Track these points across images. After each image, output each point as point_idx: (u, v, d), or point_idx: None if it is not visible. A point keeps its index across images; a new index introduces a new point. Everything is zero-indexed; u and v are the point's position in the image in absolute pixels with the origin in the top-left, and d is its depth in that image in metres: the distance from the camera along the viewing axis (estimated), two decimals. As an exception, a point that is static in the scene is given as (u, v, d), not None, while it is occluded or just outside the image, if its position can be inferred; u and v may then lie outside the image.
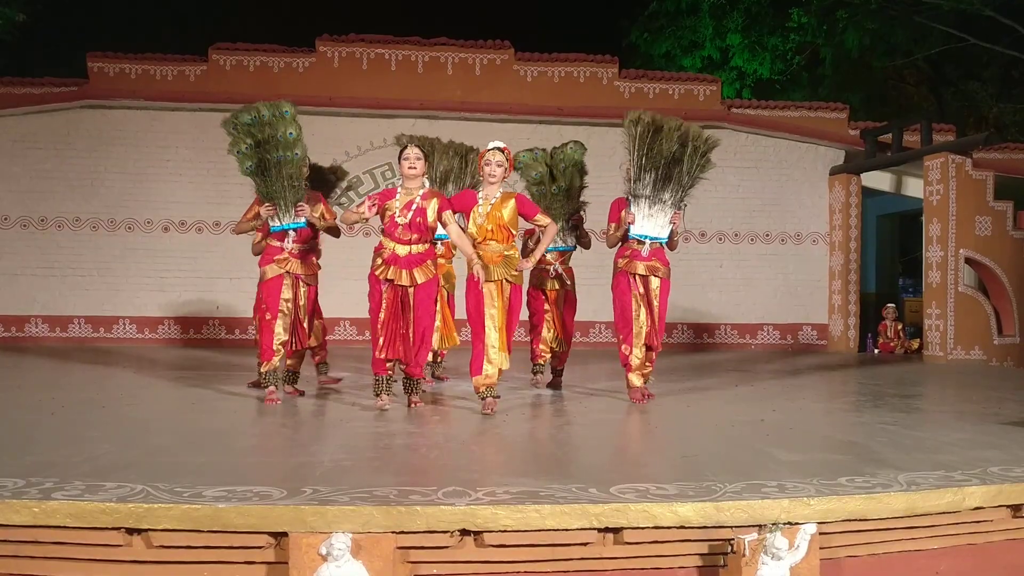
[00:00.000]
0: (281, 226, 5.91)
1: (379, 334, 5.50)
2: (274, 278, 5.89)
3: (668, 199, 6.15)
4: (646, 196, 6.11)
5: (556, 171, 6.94)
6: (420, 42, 12.10)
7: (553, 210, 6.78)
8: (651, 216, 6.16)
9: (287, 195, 5.87)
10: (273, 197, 5.86)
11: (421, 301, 5.55)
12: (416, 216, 5.48)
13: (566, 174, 6.93)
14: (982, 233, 10.86)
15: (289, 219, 5.90)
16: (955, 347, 10.80)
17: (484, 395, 5.57)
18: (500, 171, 5.68)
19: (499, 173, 5.68)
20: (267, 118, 5.80)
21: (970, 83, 17.94)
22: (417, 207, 5.50)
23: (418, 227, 5.50)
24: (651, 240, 6.18)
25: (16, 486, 3.17)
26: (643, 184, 6.11)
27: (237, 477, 3.42)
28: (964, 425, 5.25)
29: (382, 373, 5.57)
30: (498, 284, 5.65)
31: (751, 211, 12.66)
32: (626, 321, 6.19)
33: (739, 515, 3.15)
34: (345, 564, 2.92)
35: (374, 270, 5.54)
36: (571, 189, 6.95)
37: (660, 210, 6.16)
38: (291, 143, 5.86)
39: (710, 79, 12.87)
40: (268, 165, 5.82)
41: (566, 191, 6.94)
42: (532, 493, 3.22)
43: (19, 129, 11.42)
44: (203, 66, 11.73)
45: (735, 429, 5.08)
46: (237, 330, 11.66)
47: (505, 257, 5.67)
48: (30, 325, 11.44)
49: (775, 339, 12.71)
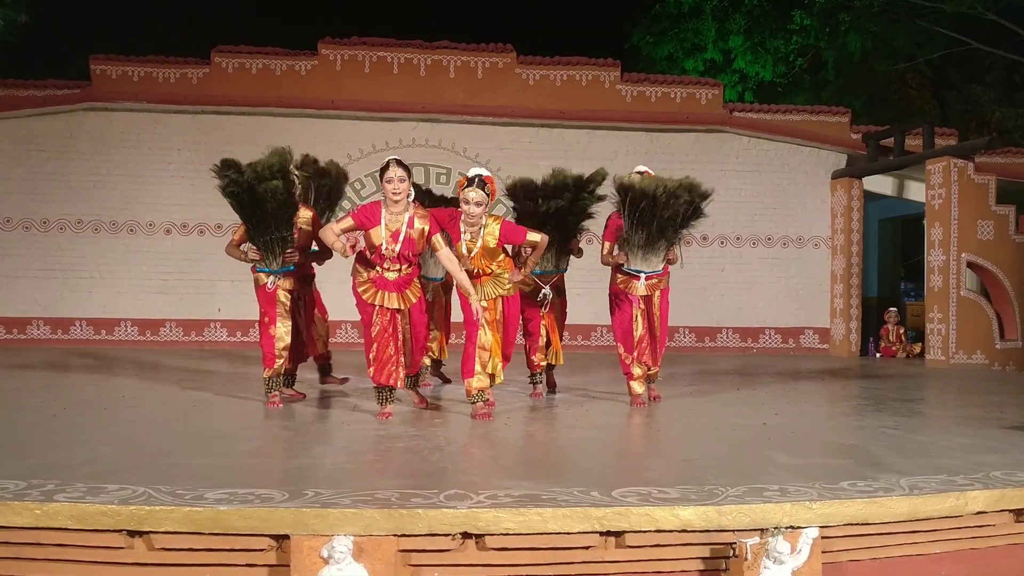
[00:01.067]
0: (266, 270, 5.80)
1: (370, 351, 5.37)
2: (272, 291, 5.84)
3: (662, 246, 6.10)
4: (640, 247, 6.05)
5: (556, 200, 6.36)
6: (422, 45, 12.11)
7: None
8: (645, 260, 6.12)
9: (276, 247, 5.73)
10: (263, 249, 5.74)
11: (416, 318, 5.52)
12: (405, 248, 5.23)
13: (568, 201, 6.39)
14: (984, 237, 10.85)
15: (276, 266, 5.78)
16: (957, 351, 10.78)
17: (475, 399, 5.51)
18: (480, 211, 5.43)
19: (478, 213, 5.44)
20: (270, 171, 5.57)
21: (973, 87, 17.93)
22: (405, 238, 5.23)
23: (406, 258, 5.31)
24: (646, 274, 6.16)
25: (18, 488, 3.18)
26: (636, 239, 6.02)
27: (239, 479, 3.42)
28: (966, 429, 5.25)
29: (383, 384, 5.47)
30: (491, 301, 5.69)
31: (753, 215, 12.65)
32: (626, 333, 6.19)
33: (741, 519, 3.14)
34: (347, 567, 2.92)
35: (359, 288, 5.37)
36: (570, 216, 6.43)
37: (654, 253, 6.11)
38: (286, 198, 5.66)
39: (712, 83, 12.86)
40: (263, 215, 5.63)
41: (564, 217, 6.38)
42: (534, 496, 3.22)
43: (21, 131, 11.42)
44: (205, 68, 11.73)
45: (737, 433, 5.08)
46: (239, 332, 11.66)
47: (495, 276, 5.68)
48: (32, 327, 11.45)
49: (776, 343, 12.70)
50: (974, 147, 11.18)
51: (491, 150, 12.02)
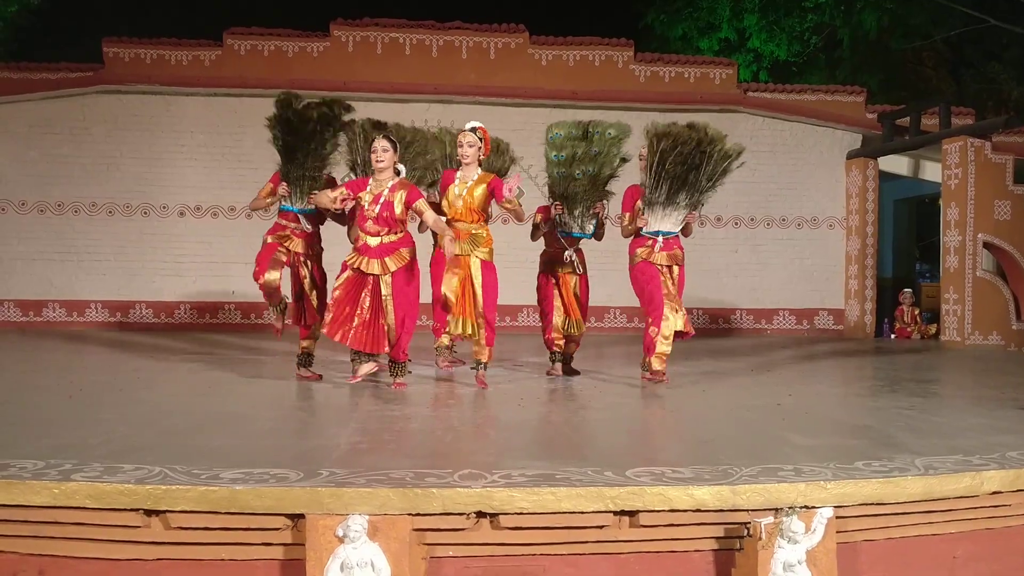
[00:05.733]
0: (291, 207, 6.16)
1: (329, 309, 5.67)
2: (271, 243, 6.14)
3: (683, 202, 6.20)
4: (660, 203, 6.19)
5: (585, 153, 6.53)
6: (434, 26, 12.05)
7: (572, 196, 6.53)
8: (664, 216, 6.23)
9: (304, 184, 6.13)
10: (291, 183, 6.13)
11: (398, 289, 5.65)
12: (383, 210, 5.62)
13: (597, 159, 6.55)
14: (1001, 217, 10.76)
15: (300, 204, 6.15)
16: (972, 332, 10.71)
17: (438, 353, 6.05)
18: (472, 151, 5.92)
19: (471, 153, 5.92)
20: (316, 115, 6.16)
21: (990, 65, 17.69)
22: (384, 200, 5.63)
23: (386, 220, 5.65)
24: (664, 235, 6.24)
25: (36, 467, 3.21)
26: (658, 193, 6.17)
27: (254, 459, 3.44)
28: (982, 410, 5.22)
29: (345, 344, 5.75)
30: (465, 258, 5.90)
31: (767, 196, 12.57)
32: (656, 304, 6.13)
33: (755, 498, 3.14)
34: (362, 546, 2.94)
35: (347, 258, 5.74)
36: (598, 177, 6.59)
37: (674, 210, 6.21)
38: (326, 141, 6.19)
39: (726, 62, 12.75)
40: (296, 151, 6.09)
41: (592, 178, 6.56)
42: (548, 476, 3.23)
43: (35, 114, 11.45)
44: (217, 51, 11.72)
45: (751, 413, 5.07)
46: (253, 314, 11.70)
47: (472, 235, 5.95)
48: (47, 309, 11.52)
49: (791, 324, 12.65)
50: (992, 126, 11.06)
51: (503, 131, 11.79)
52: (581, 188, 6.55)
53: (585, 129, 6.56)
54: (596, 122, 6.62)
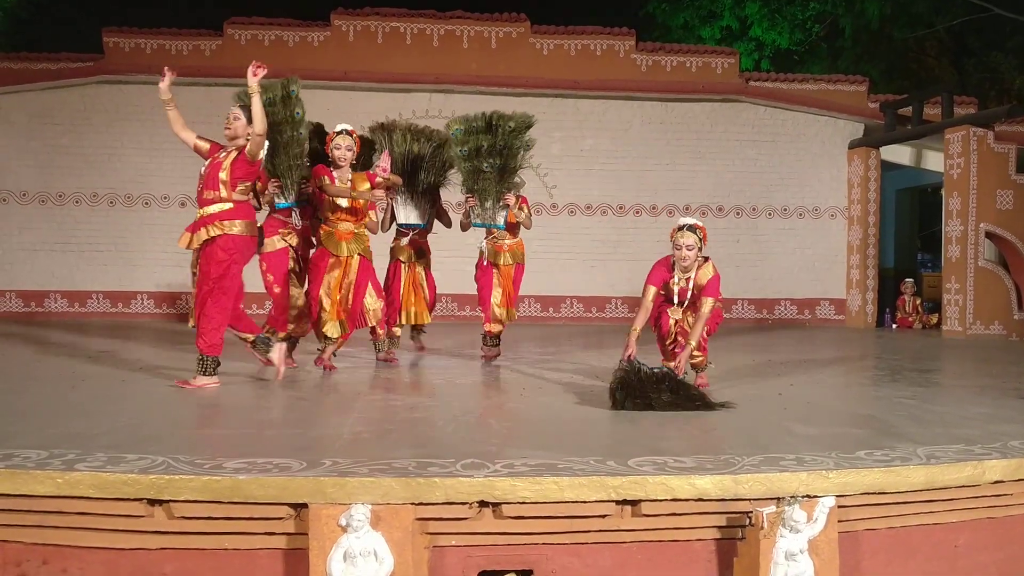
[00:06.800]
0: (285, 203, 6.14)
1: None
2: (281, 250, 6.14)
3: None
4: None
5: (491, 147, 6.65)
6: (436, 15, 12.02)
7: (481, 189, 6.69)
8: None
9: (292, 174, 6.10)
10: (280, 175, 6.08)
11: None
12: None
13: (503, 153, 6.67)
14: (1003, 207, 10.74)
15: (293, 197, 6.14)
16: (974, 322, 10.71)
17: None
18: (350, 155, 6.05)
19: (348, 157, 6.05)
20: (278, 99, 5.93)
21: (993, 54, 17.62)
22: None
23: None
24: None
25: (40, 457, 3.21)
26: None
27: (257, 449, 3.45)
28: (983, 400, 5.22)
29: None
30: (347, 259, 6.03)
31: (769, 185, 12.55)
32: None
33: (757, 488, 3.14)
34: (365, 535, 2.94)
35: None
36: (506, 168, 6.71)
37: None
38: (298, 122, 6.03)
39: (728, 51, 12.72)
40: (276, 145, 5.95)
41: (499, 170, 6.69)
42: (550, 465, 3.23)
43: (36, 104, 11.44)
44: (218, 41, 11.70)
45: (752, 403, 5.07)
46: (254, 305, 11.68)
47: (355, 235, 6.08)
48: (49, 300, 11.54)
49: (792, 314, 12.65)
50: (994, 115, 11.04)
51: (505, 121, 11.93)
52: (490, 181, 6.70)
53: (488, 121, 6.69)
54: (498, 114, 6.74)
